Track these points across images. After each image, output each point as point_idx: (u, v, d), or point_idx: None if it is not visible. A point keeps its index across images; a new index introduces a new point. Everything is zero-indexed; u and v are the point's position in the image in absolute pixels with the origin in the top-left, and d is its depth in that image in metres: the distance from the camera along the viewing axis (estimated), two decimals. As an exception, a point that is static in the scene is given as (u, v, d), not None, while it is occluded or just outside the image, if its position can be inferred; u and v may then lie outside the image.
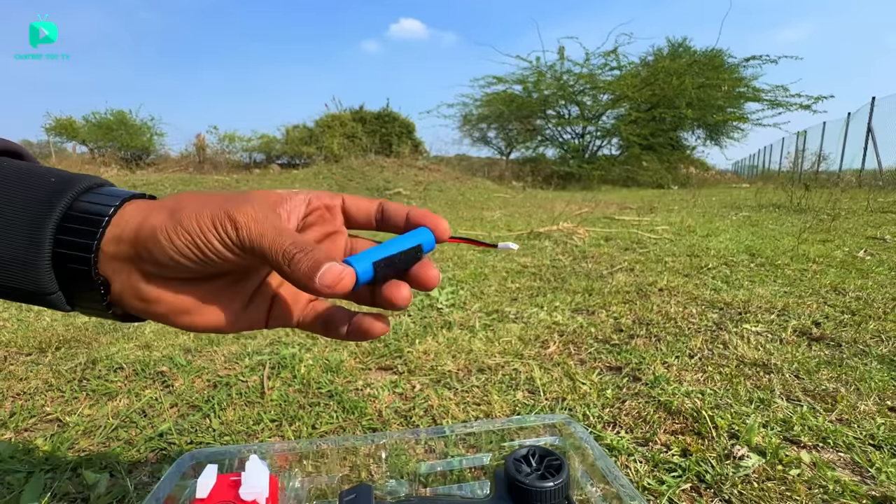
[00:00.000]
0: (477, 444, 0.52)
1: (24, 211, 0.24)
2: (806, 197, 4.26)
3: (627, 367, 0.87)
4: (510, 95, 10.91)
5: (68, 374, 0.88)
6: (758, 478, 0.55)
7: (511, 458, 0.44)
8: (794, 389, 0.77)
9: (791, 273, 1.60)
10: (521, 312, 1.23)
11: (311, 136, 9.85)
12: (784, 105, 9.70)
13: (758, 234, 2.52)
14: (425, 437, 0.51)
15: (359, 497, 0.43)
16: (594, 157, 10.77)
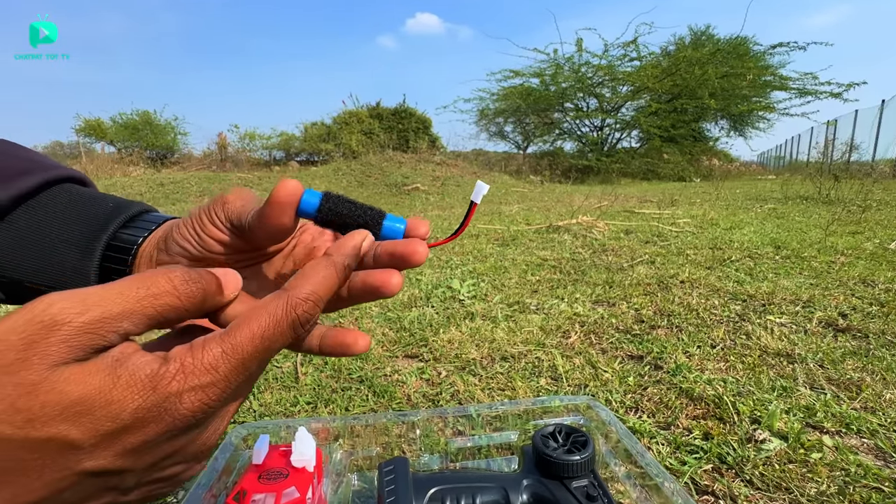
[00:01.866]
0: (503, 425, 0.55)
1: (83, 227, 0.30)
2: (836, 188, 4.13)
3: (649, 356, 0.88)
4: (527, 89, 10.80)
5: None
6: (779, 460, 0.56)
7: (539, 434, 0.47)
8: (817, 378, 0.77)
9: (818, 265, 1.57)
10: (542, 304, 1.25)
11: (328, 133, 9.97)
12: (813, 93, 9.35)
13: (783, 227, 2.47)
14: (454, 417, 0.54)
15: (396, 469, 0.47)
16: (613, 150, 10.60)
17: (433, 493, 0.44)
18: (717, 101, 9.48)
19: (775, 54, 9.92)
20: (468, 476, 0.47)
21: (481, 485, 0.45)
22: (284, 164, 9.72)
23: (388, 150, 7.84)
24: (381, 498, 0.44)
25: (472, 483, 0.45)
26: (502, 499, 0.44)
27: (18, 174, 0.30)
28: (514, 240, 2.29)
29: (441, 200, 4.70)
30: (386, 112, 10.39)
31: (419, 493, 0.44)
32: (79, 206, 0.30)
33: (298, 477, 0.42)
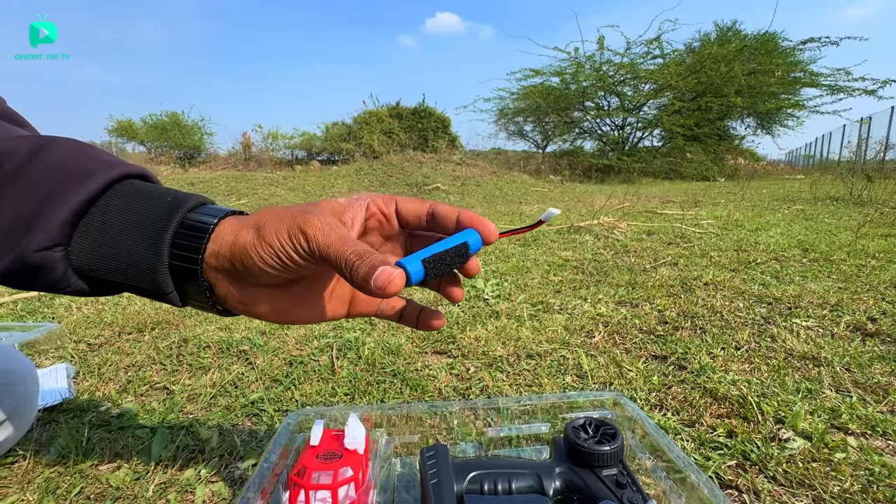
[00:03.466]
0: (533, 419, 0.58)
1: (148, 225, 0.30)
2: (868, 189, 4.01)
3: (673, 357, 0.90)
4: (547, 88, 10.73)
5: (166, 351, 1.01)
6: (803, 458, 0.58)
7: (570, 425, 0.51)
8: (843, 381, 0.78)
9: (847, 269, 1.55)
10: (566, 304, 1.27)
11: (349, 133, 10.10)
12: (845, 90, 9.02)
13: (812, 229, 2.42)
14: (484, 410, 0.58)
15: (438, 454, 0.51)
16: (634, 150, 10.44)
17: (472, 477, 0.48)
18: (744, 98, 9.24)
19: (805, 50, 9.62)
20: (504, 463, 0.51)
21: (517, 471, 0.49)
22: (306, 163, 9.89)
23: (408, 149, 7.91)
24: (424, 481, 0.48)
25: (508, 469, 0.49)
26: (536, 484, 0.48)
27: (85, 175, 0.30)
28: (535, 240, 2.31)
29: (461, 200, 4.74)
30: (405, 112, 10.47)
31: (459, 476, 0.48)
32: (137, 206, 0.31)
33: (351, 458, 0.46)
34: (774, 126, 11.14)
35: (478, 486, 0.48)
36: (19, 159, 0.30)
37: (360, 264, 0.27)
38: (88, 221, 0.30)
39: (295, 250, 0.29)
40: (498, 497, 0.46)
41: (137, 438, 0.68)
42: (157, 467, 0.61)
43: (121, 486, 0.57)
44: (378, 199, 0.35)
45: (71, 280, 0.31)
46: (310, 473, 0.43)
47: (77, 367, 0.93)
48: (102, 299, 1.45)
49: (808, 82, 9.56)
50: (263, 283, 0.32)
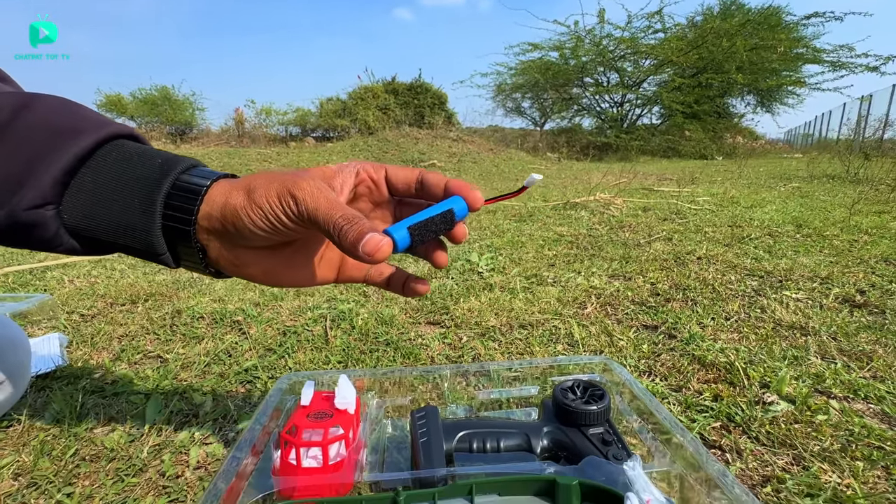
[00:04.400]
0: (523, 383, 0.59)
1: (140, 186, 0.30)
2: (865, 167, 4.00)
3: (663, 326, 0.91)
4: (546, 63, 10.51)
5: (160, 321, 1.02)
6: (785, 420, 0.59)
7: (559, 387, 0.51)
8: (829, 349, 0.79)
9: (839, 244, 1.56)
10: (559, 277, 1.28)
11: (344, 109, 9.91)
12: (848, 66, 8.89)
13: (807, 206, 2.42)
14: (475, 375, 0.58)
15: (428, 415, 0.51)
16: (633, 127, 10.33)
17: (461, 436, 0.49)
18: (745, 75, 9.10)
19: (809, 25, 9.42)
20: (493, 423, 0.51)
21: (505, 430, 0.50)
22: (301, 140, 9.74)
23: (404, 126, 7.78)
24: (414, 441, 0.49)
25: (496, 429, 0.50)
26: (524, 443, 0.49)
27: (73, 134, 0.30)
28: (531, 216, 2.31)
29: (457, 177, 4.71)
30: (401, 87, 10.26)
31: (449, 436, 0.49)
32: (128, 167, 0.31)
33: (342, 417, 0.47)
34: (774, 104, 11.02)
35: (467, 444, 0.48)
36: (3, 116, 0.29)
37: (349, 229, 0.28)
38: (79, 181, 0.30)
39: (284, 213, 0.29)
40: (486, 455, 0.47)
41: (131, 404, 0.69)
42: (152, 430, 0.62)
43: (115, 447, 0.58)
44: (368, 167, 0.36)
45: (63, 239, 0.31)
46: (301, 431, 0.44)
47: (70, 337, 0.93)
48: (95, 272, 1.45)
49: (810, 58, 9.41)
50: (254, 246, 0.32)
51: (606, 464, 0.41)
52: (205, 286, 1.28)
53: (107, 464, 0.56)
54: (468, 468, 0.42)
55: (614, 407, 0.53)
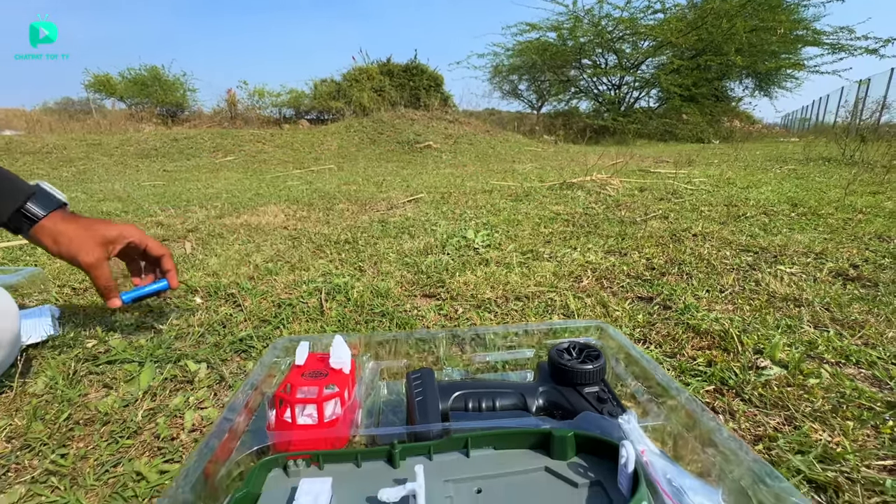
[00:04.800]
0: (518, 347, 0.59)
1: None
2: (861, 150, 4.00)
3: (658, 298, 0.91)
4: (543, 44, 10.33)
5: (152, 295, 1.00)
6: (778, 384, 0.60)
7: (554, 349, 0.51)
8: (822, 319, 0.80)
9: (834, 222, 1.56)
10: (555, 253, 1.27)
11: (338, 91, 9.75)
12: (847, 49, 8.80)
13: (802, 186, 2.43)
14: (471, 339, 0.58)
15: (423, 377, 0.51)
16: (630, 110, 10.25)
17: (457, 396, 0.49)
18: (744, 57, 9.00)
19: (810, 6, 9.29)
20: (488, 384, 0.51)
21: (500, 390, 0.50)
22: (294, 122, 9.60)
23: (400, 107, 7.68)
24: (410, 400, 0.49)
25: (492, 389, 0.50)
26: (520, 402, 0.49)
27: None
28: (527, 196, 2.30)
29: (454, 158, 4.66)
30: (397, 68, 10.08)
31: (444, 396, 0.49)
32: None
33: (337, 377, 0.46)
34: (773, 88, 10.94)
35: (462, 403, 0.48)
36: None
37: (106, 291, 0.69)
38: None
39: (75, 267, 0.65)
40: (482, 413, 0.47)
41: (126, 371, 0.68)
42: (146, 396, 0.62)
43: (109, 411, 0.58)
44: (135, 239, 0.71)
45: None
46: (295, 390, 0.44)
47: (62, 309, 0.92)
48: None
49: (810, 41, 9.31)
50: None
51: (602, 418, 0.41)
52: (198, 262, 1.26)
53: (101, 427, 0.56)
54: (464, 423, 0.43)
55: (610, 368, 0.53)
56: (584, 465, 0.37)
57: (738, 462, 0.35)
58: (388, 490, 0.33)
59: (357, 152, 5.12)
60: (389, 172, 3.64)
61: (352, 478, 0.37)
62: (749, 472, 0.34)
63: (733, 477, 0.34)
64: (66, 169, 4.05)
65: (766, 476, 0.33)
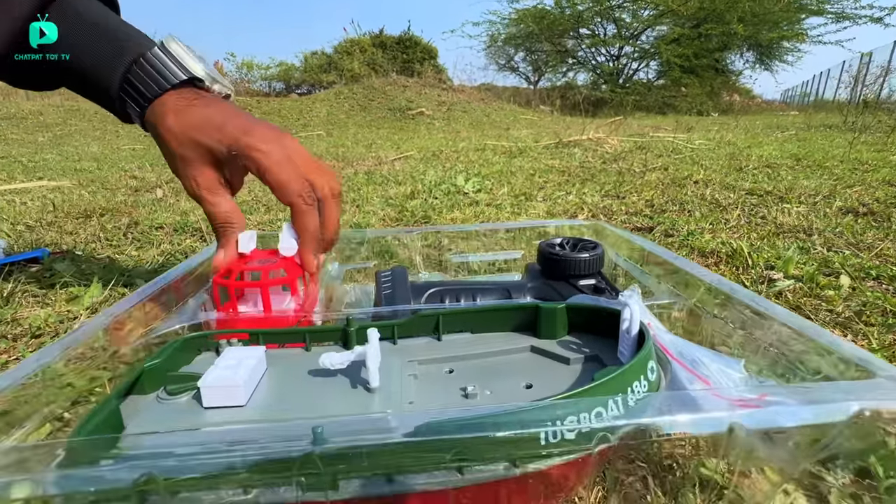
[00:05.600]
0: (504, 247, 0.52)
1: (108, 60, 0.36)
2: (863, 116, 3.91)
3: (659, 227, 0.85)
4: (541, 11, 9.99)
5: (114, 231, 0.93)
6: (792, 294, 0.54)
7: (544, 242, 0.45)
8: (836, 243, 0.74)
9: (840, 172, 1.50)
10: (549, 195, 1.20)
11: (329, 63, 9.46)
12: (851, 17, 8.59)
13: (805, 147, 2.35)
14: (454, 234, 0.51)
15: (394, 275, 0.44)
16: (629, 82, 10.03)
17: (431, 293, 0.42)
18: (746, 26, 8.77)
19: (815, -27, 9.01)
20: (468, 283, 0.45)
21: (482, 287, 0.43)
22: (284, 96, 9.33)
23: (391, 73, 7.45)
24: (378, 301, 0.42)
25: (471, 286, 0.43)
26: (504, 298, 0.42)
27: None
28: (521, 153, 2.21)
29: (447, 126, 4.52)
30: (390, 40, 9.77)
31: (417, 295, 0.42)
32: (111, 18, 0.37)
33: (288, 264, 0.39)
34: (773, 61, 10.71)
35: (437, 299, 0.42)
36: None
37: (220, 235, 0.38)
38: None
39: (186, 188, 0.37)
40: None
41: (69, 293, 0.61)
42: (87, 312, 0.55)
43: (42, 325, 0.51)
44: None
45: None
46: (234, 275, 0.37)
47: (11, 243, 0.84)
48: (51, 196, 1.34)
49: (814, 9, 9.05)
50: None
51: (597, 298, 0.35)
52: (169, 205, 1.18)
53: (30, 339, 0.49)
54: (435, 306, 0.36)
55: (609, 260, 0.47)
56: (576, 342, 0.31)
57: (767, 325, 0.28)
58: (332, 355, 0.26)
59: (347, 119, 4.96)
60: (380, 137, 3.52)
61: (297, 360, 0.30)
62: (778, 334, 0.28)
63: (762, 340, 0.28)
64: (43, 134, 3.89)
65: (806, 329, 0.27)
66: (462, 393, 0.27)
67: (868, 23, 8.26)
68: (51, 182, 1.55)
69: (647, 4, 9.44)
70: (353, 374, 0.28)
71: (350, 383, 0.27)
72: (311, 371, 0.28)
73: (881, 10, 8.11)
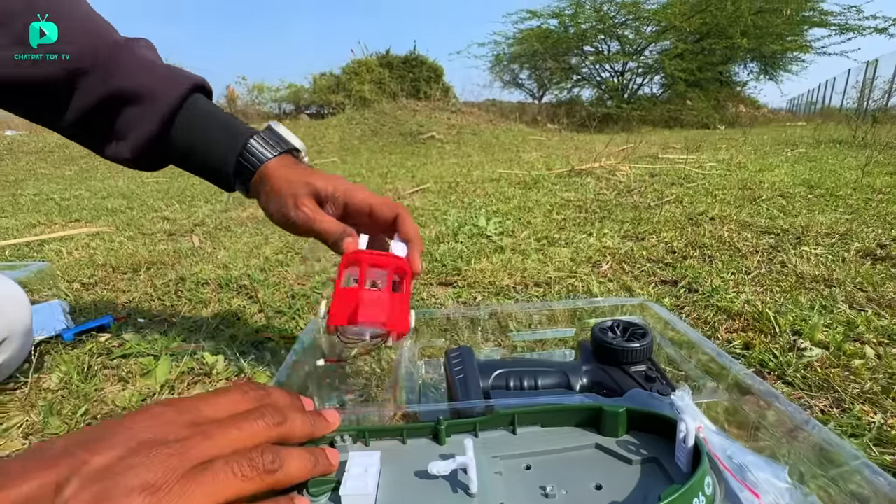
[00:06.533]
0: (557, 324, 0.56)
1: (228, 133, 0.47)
2: (872, 131, 3.92)
3: (683, 281, 0.89)
4: (545, 31, 10.18)
5: (163, 288, 0.99)
6: (821, 365, 0.57)
7: (597, 326, 0.49)
8: (857, 298, 0.77)
9: (854, 203, 1.52)
10: (571, 238, 1.24)
11: (338, 84, 9.69)
12: (855, 29, 8.63)
13: (816, 169, 2.38)
14: (514, 311, 0.56)
15: (463, 355, 0.49)
16: (634, 97, 10.12)
17: (498, 374, 0.47)
18: (749, 39, 8.85)
19: (817, -14, 9.10)
20: (530, 362, 0.49)
21: (542, 369, 0.47)
22: (294, 117, 9.54)
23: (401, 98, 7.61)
24: (450, 379, 0.47)
25: (533, 367, 0.48)
26: (563, 381, 0.47)
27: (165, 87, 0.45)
28: (535, 183, 2.26)
29: (458, 149, 4.61)
30: (396, 60, 10.00)
31: (484, 375, 0.47)
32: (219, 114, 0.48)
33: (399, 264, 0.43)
34: (778, 71, 10.76)
35: (504, 382, 0.46)
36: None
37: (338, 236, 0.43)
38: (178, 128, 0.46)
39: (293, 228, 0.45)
40: (524, 392, 0.45)
41: (141, 365, 0.66)
42: (164, 389, 0.60)
43: (127, 406, 0.56)
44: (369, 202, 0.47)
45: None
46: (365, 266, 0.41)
47: (72, 304, 0.90)
48: (94, 244, 1.41)
49: (817, 21, 9.12)
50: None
51: (652, 395, 0.39)
52: (207, 255, 1.24)
53: (119, 421, 0.54)
54: (508, 401, 0.40)
55: (657, 346, 0.51)
56: (636, 443, 0.35)
57: (804, 437, 0.32)
58: (437, 463, 0.31)
59: (360, 144, 5.08)
60: (394, 164, 3.60)
61: (397, 454, 0.35)
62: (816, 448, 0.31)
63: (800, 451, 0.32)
64: (70, 167, 4.03)
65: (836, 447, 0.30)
66: (542, 492, 0.31)
67: (873, 33, 8.30)
68: (90, 227, 1.63)
69: (649, 21, 9.57)
70: (452, 477, 0.32)
71: (451, 487, 0.32)
72: (416, 472, 0.33)
73: (885, 20, 8.15)
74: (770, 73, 10.86)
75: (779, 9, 8.75)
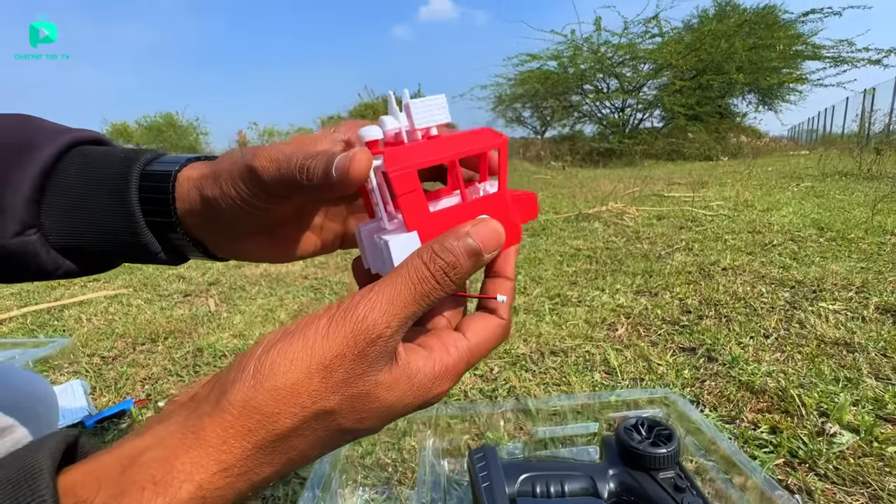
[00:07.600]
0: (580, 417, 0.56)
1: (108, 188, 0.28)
2: (878, 162, 3.94)
3: (701, 348, 0.88)
4: (545, 72, 10.57)
5: (182, 361, 1.00)
6: (853, 454, 0.56)
7: (622, 427, 0.48)
8: (882, 368, 0.76)
9: (867, 247, 1.52)
10: (584, 296, 1.25)
11: (346, 127, 10.02)
12: (849, 61, 8.84)
13: (825, 206, 2.38)
14: (535, 407, 0.56)
15: (487, 456, 0.49)
16: (636, 132, 10.32)
17: (524, 479, 0.47)
18: (745, 74, 9.08)
19: (807, 22, 9.41)
20: (555, 464, 0.49)
21: (569, 473, 0.47)
22: (304, 159, 9.84)
23: (406, 141, 7.83)
24: (475, 483, 0.47)
25: (559, 471, 0.47)
26: (590, 486, 0.46)
27: (29, 149, 0.28)
28: (543, 230, 2.28)
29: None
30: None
31: (510, 478, 0.46)
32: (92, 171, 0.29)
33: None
34: (776, 101, 10.97)
35: (530, 487, 0.46)
36: None
37: (313, 163, 0.23)
38: (50, 197, 0.28)
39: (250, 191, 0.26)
40: (551, 500, 0.45)
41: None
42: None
43: (149, 508, 0.56)
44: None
45: (59, 261, 0.29)
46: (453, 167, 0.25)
47: (92, 383, 0.92)
48: (112, 309, 1.44)
49: (810, 55, 9.38)
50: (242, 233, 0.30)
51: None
52: (223, 320, 1.26)
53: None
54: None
55: (683, 444, 0.50)
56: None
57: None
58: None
59: (368, 188, 5.19)
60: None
61: None
62: None
63: None
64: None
65: None
66: None
67: (867, 65, 8.48)
68: (108, 290, 1.66)
69: (645, 60, 9.89)
70: None
71: None
72: None
73: (878, 51, 8.35)
74: (768, 104, 11.07)
75: (772, 44, 9.02)
